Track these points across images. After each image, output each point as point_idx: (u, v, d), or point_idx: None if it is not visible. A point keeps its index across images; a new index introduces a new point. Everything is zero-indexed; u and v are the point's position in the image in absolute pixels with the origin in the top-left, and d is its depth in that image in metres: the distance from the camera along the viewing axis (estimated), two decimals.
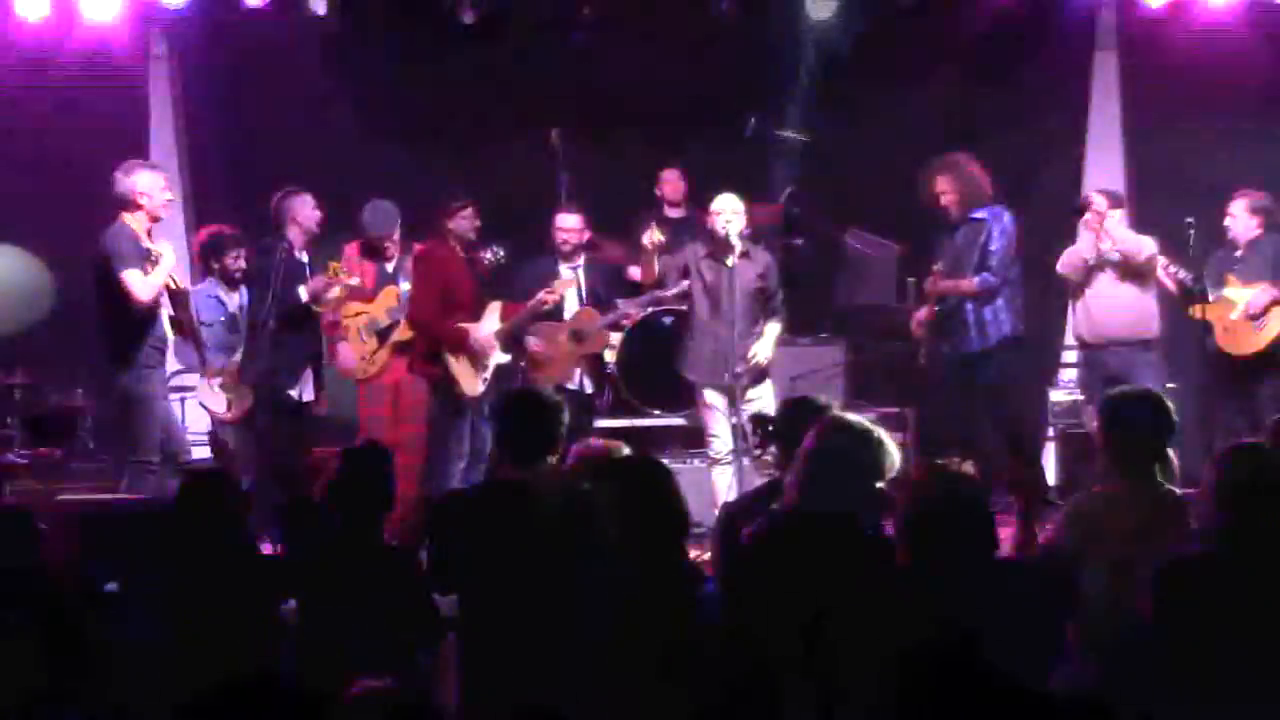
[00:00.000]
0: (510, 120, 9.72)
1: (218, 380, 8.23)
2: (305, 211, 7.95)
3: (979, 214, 7.83)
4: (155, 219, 7.28)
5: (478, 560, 4.47)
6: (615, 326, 8.52)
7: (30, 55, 9.73)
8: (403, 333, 8.08)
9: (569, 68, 9.93)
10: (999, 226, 7.79)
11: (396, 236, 8.26)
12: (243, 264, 8.42)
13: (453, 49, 9.89)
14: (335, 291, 7.90)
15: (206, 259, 8.61)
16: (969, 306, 7.80)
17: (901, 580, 3.68)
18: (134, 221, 7.18)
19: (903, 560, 3.76)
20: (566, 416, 4.98)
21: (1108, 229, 7.87)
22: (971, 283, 7.74)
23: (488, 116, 9.87)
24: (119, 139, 9.70)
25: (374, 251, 8.31)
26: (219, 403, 8.26)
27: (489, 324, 7.93)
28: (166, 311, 7.31)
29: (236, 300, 8.43)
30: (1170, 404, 4.72)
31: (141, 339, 7.15)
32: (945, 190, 7.87)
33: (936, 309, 7.82)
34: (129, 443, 7.21)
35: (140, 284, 7.06)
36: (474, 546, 4.52)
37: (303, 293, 7.81)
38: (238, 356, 8.21)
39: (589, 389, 8.50)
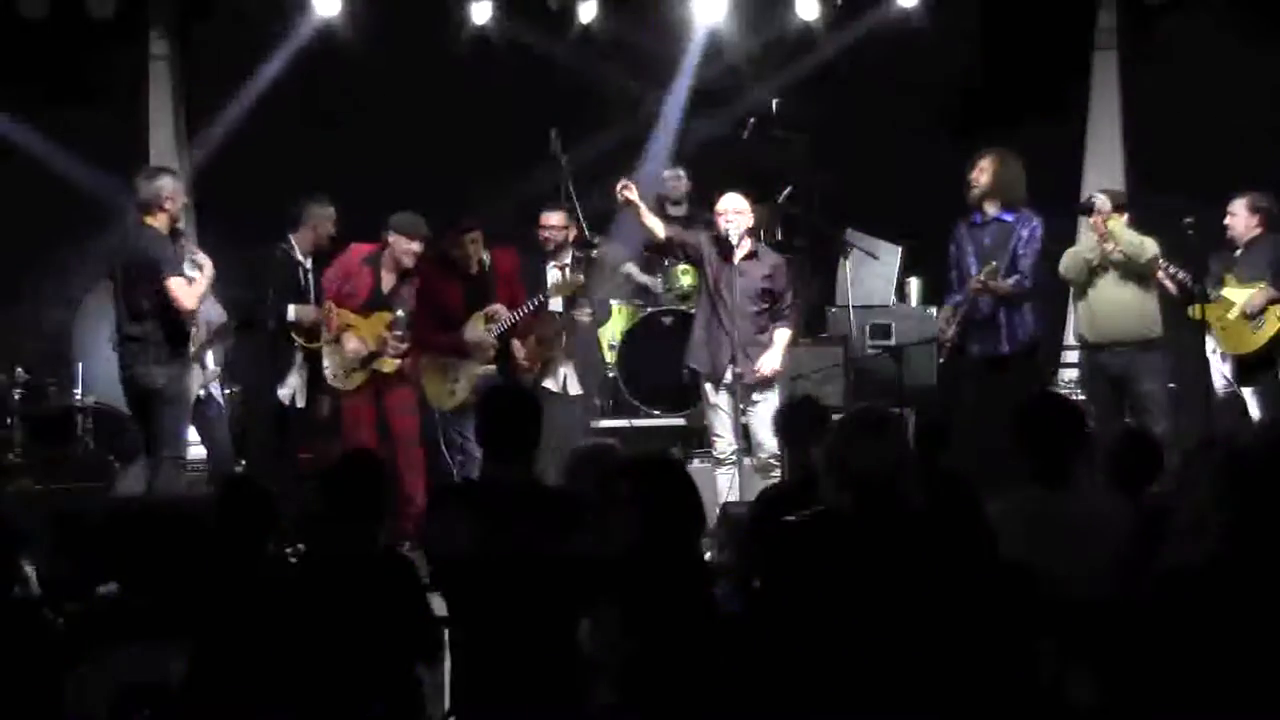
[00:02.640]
0: (510, 120, 9.73)
1: None
2: (326, 225, 7.98)
3: (1006, 216, 7.71)
4: (176, 222, 7.39)
5: (464, 559, 4.45)
6: (569, 329, 8.49)
7: (30, 55, 9.72)
8: (385, 364, 7.94)
9: (570, 66, 9.95)
10: (1028, 230, 7.67)
11: (414, 247, 7.92)
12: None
13: (456, 49, 9.91)
14: (324, 336, 7.84)
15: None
16: (1001, 309, 7.70)
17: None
18: (158, 224, 7.30)
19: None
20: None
21: (1112, 230, 7.85)
22: (1006, 284, 7.64)
23: (489, 115, 9.88)
24: (119, 139, 9.73)
25: (376, 259, 8.01)
26: None
27: (469, 334, 8.01)
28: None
29: None
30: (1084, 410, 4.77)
31: (178, 339, 7.30)
32: (982, 171, 7.66)
33: (966, 311, 7.71)
34: (162, 439, 7.28)
35: (186, 292, 7.20)
36: (460, 545, 4.51)
37: (292, 311, 7.74)
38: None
39: (573, 390, 8.47)
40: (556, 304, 8.41)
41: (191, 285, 7.24)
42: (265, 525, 4.65)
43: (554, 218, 8.51)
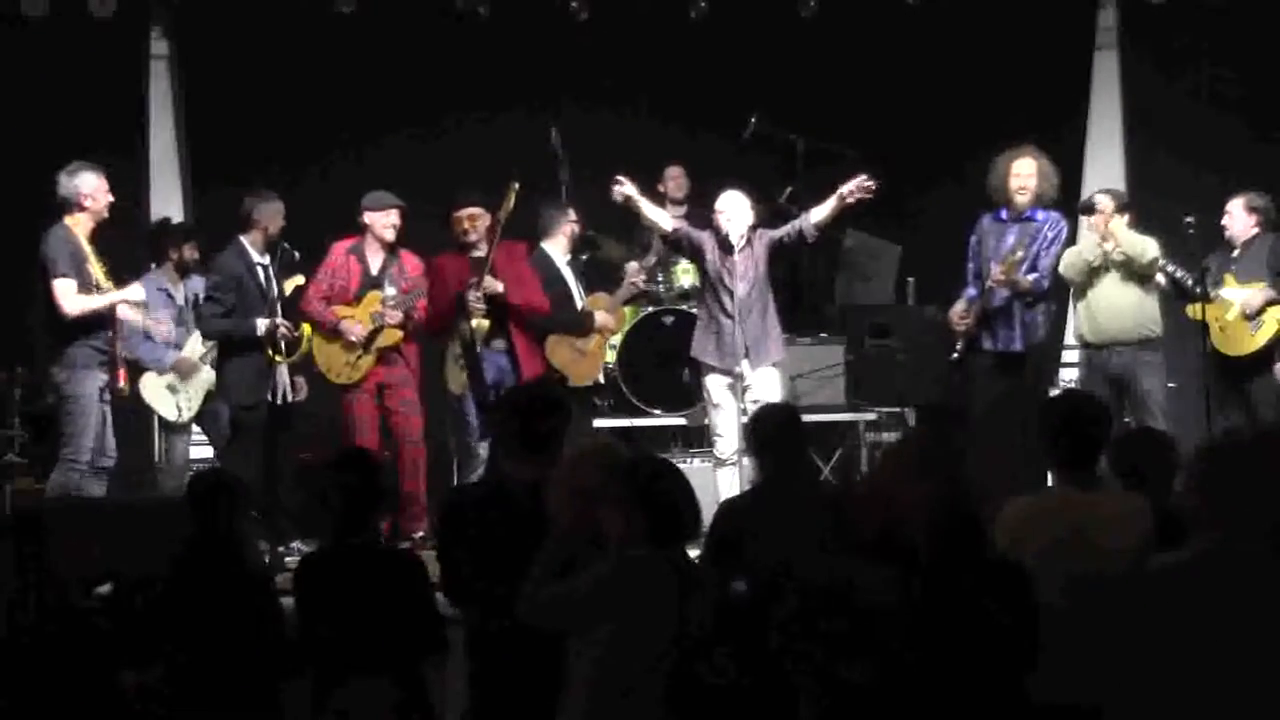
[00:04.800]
0: (511, 117, 9.73)
1: (165, 380, 8.15)
2: (277, 220, 7.83)
3: (1036, 215, 7.69)
4: (99, 221, 7.23)
5: (483, 564, 4.43)
6: (630, 300, 8.47)
7: (30, 55, 9.72)
8: (387, 337, 7.96)
9: (572, 64, 9.95)
10: (1055, 232, 7.65)
11: (391, 219, 7.99)
12: (197, 254, 8.36)
13: (455, 47, 9.92)
14: (290, 352, 7.80)
15: (160, 247, 8.41)
16: (1017, 305, 7.67)
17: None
18: (77, 224, 7.16)
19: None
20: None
21: (1113, 231, 7.84)
22: (1027, 280, 7.61)
23: (489, 114, 9.88)
24: (119, 139, 9.72)
25: (360, 248, 8.03)
26: (168, 406, 8.16)
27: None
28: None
29: (183, 292, 8.29)
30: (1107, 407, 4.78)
31: (80, 338, 7.11)
32: (1029, 173, 7.61)
33: (982, 304, 7.69)
34: (61, 440, 7.21)
35: (69, 295, 7.03)
36: (478, 547, 4.49)
37: (261, 325, 7.64)
38: (185, 351, 8.15)
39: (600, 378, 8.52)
40: (576, 291, 8.42)
41: (83, 293, 7.04)
42: (235, 515, 4.67)
43: (573, 213, 8.51)
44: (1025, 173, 7.63)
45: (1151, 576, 3.51)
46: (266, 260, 7.81)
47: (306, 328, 7.92)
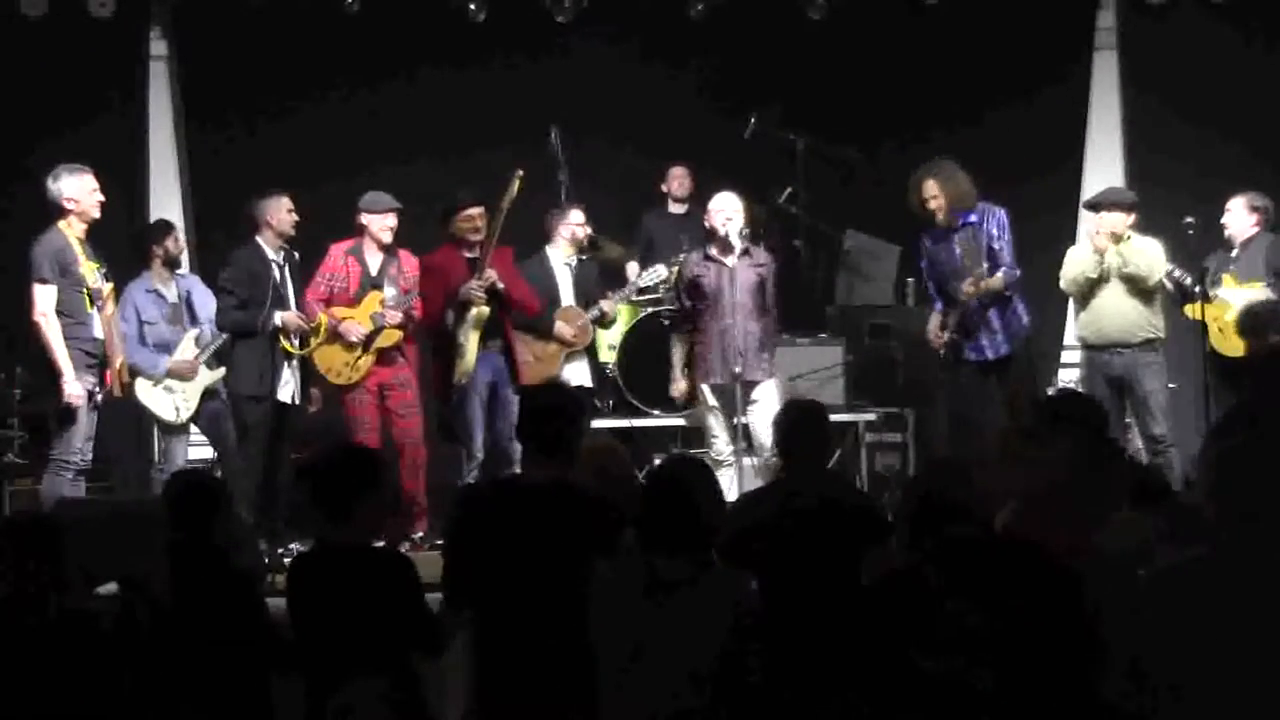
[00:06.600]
0: (511, 117, 9.72)
1: (162, 382, 8.15)
2: (280, 215, 7.81)
3: (969, 218, 7.77)
4: (89, 222, 7.19)
5: (494, 563, 4.43)
6: (598, 323, 8.52)
7: (30, 54, 9.71)
8: (387, 338, 7.97)
9: (571, 65, 9.95)
10: (995, 221, 7.75)
11: (389, 222, 7.99)
12: (184, 246, 8.32)
13: (456, 46, 9.92)
14: (306, 344, 7.81)
15: (147, 247, 8.36)
16: (994, 311, 7.75)
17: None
18: (69, 228, 7.11)
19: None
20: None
21: (1122, 252, 7.85)
22: (998, 280, 7.66)
23: (489, 114, 9.87)
24: (119, 139, 9.72)
25: (358, 249, 8.03)
26: (166, 407, 8.16)
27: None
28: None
29: (175, 291, 8.29)
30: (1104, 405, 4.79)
31: (68, 341, 7.06)
32: (934, 195, 7.76)
33: (959, 317, 7.73)
34: (51, 441, 7.21)
35: (43, 301, 6.99)
36: (491, 548, 4.48)
37: (278, 317, 7.65)
38: (179, 354, 8.15)
39: (588, 383, 8.52)
40: (568, 295, 8.43)
41: (70, 294, 6.99)
42: (215, 516, 4.66)
43: (578, 215, 8.50)
44: (931, 193, 7.77)
45: (1157, 578, 3.51)
46: (281, 257, 7.80)
47: (322, 318, 7.90)
